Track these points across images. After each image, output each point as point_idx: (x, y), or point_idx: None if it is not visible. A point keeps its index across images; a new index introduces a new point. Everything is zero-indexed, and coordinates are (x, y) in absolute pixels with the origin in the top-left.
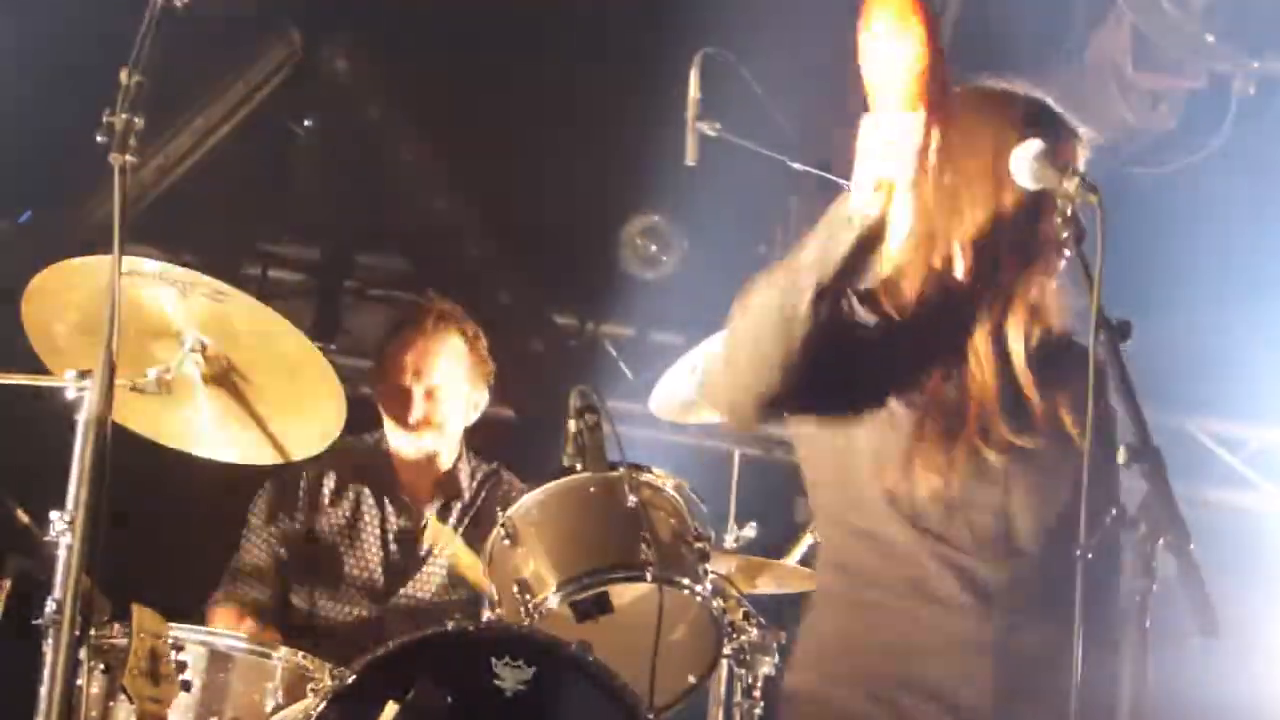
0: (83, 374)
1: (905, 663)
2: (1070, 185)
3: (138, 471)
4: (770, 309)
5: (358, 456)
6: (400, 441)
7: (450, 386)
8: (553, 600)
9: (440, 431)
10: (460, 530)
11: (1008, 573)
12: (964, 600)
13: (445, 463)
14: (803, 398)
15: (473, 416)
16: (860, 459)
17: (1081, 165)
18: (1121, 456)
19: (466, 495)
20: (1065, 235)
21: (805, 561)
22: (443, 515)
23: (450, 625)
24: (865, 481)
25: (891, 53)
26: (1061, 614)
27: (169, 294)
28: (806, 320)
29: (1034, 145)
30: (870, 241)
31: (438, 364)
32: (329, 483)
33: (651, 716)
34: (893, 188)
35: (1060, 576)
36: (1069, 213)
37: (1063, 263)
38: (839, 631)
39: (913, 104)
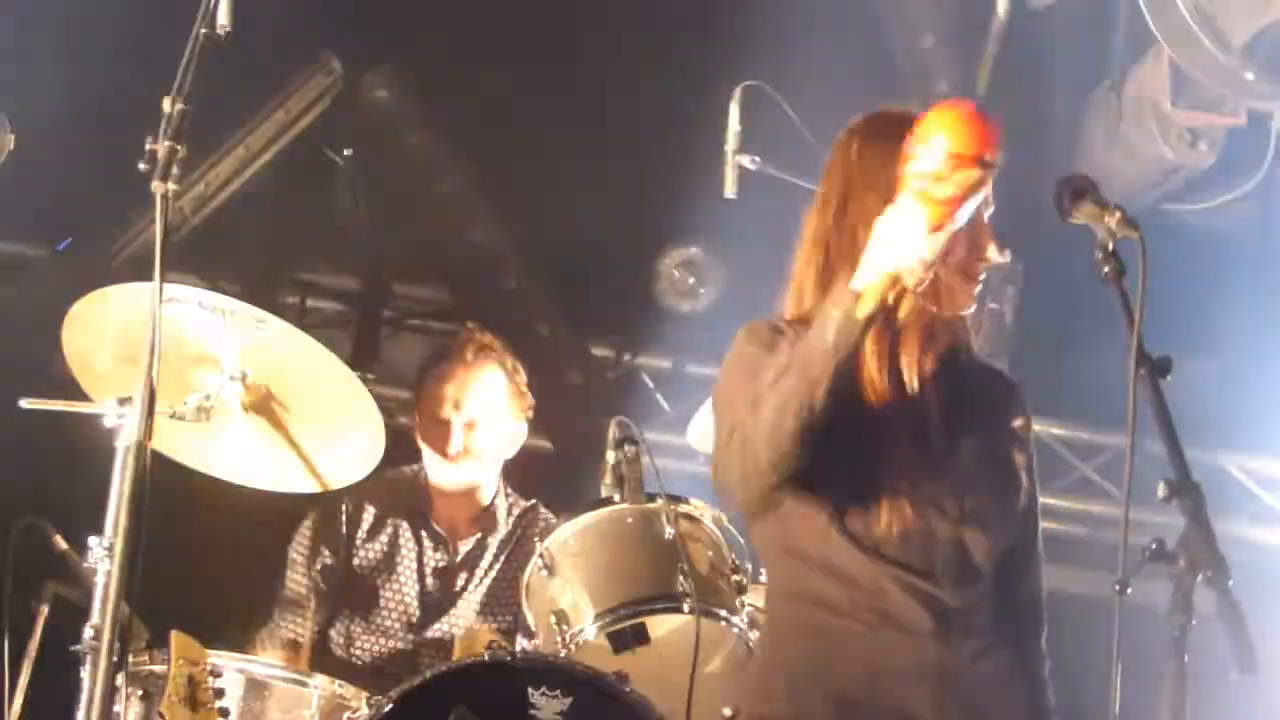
0: (122, 401)
1: (877, 690)
2: (1112, 221)
3: (177, 498)
4: (788, 409)
5: (397, 489)
6: (439, 473)
7: (490, 418)
8: (590, 631)
9: (479, 462)
10: (497, 566)
11: (968, 599)
12: (931, 626)
13: (484, 497)
14: (810, 481)
15: (511, 450)
16: (816, 493)
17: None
18: (1162, 492)
19: (503, 530)
20: (1106, 270)
21: None
22: (479, 549)
23: (487, 655)
24: (819, 514)
25: (945, 176)
26: (1019, 638)
27: (209, 322)
28: (823, 412)
29: (1074, 180)
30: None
31: (478, 396)
32: (368, 515)
33: None
34: (900, 282)
35: (1014, 601)
36: (1110, 248)
37: (977, 288)
38: (808, 660)
39: (940, 223)
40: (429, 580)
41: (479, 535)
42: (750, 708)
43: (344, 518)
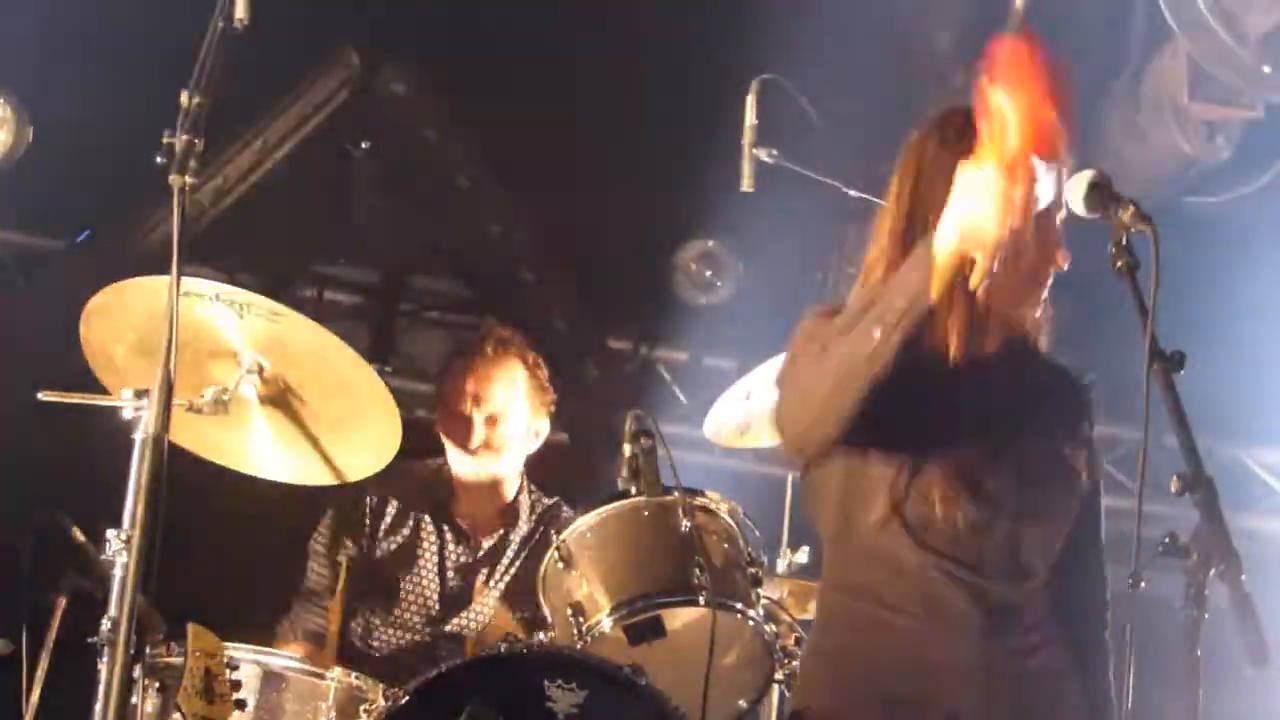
0: (140, 393)
1: (921, 682)
2: (1125, 214)
3: (194, 491)
4: (856, 357)
5: (420, 482)
6: (462, 467)
7: (510, 413)
8: (606, 623)
9: (500, 457)
10: (518, 563)
11: (1020, 595)
12: (980, 621)
13: (507, 492)
14: (869, 431)
15: (534, 445)
16: (873, 482)
17: (1067, 173)
18: (1174, 486)
19: (525, 527)
20: (1120, 264)
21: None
22: (501, 545)
23: (503, 647)
24: (874, 504)
25: (1012, 111)
26: (1077, 638)
27: (226, 315)
28: (890, 364)
29: (1087, 174)
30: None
31: (497, 391)
32: (391, 509)
33: None
34: (980, 236)
35: (1072, 600)
36: (1123, 242)
37: (1044, 293)
38: (852, 651)
39: (1018, 159)
40: (450, 575)
41: (501, 531)
42: (797, 698)
43: (367, 510)
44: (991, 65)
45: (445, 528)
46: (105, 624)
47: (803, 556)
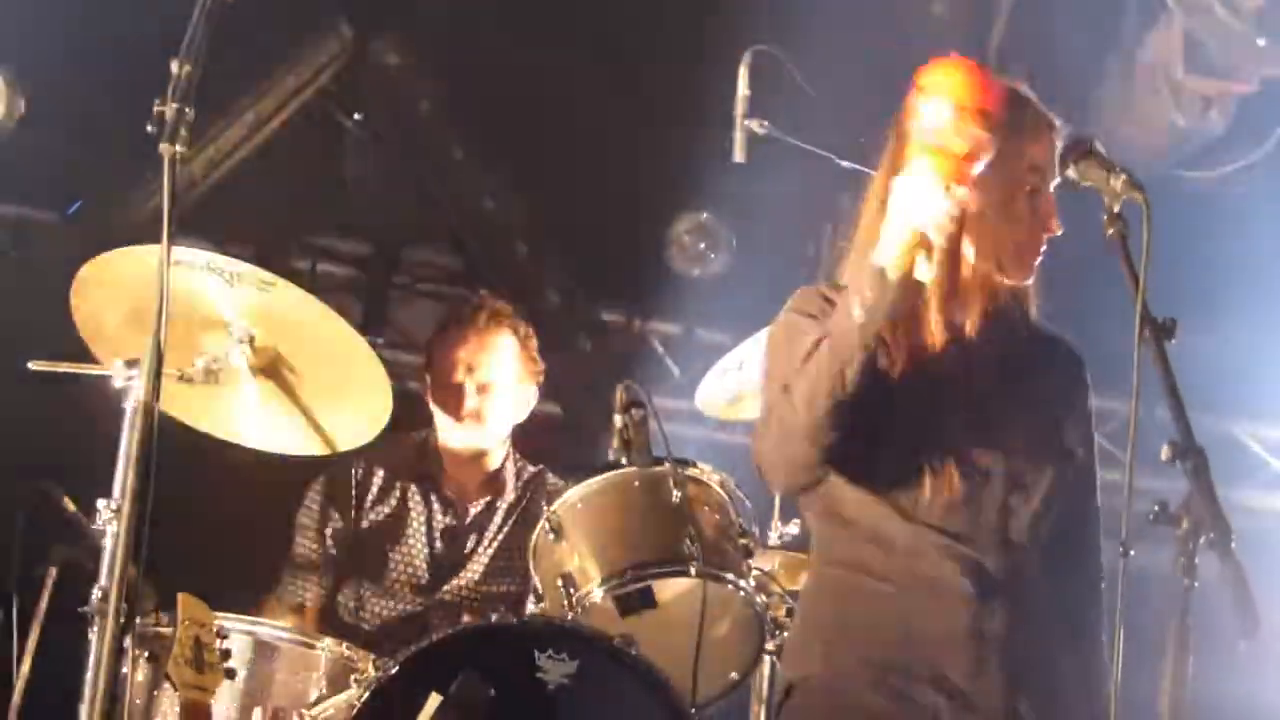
0: (130, 363)
1: (912, 652)
2: (1117, 183)
3: (185, 461)
4: (819, 389)
5: (406, 453)
6: (450, 436)
7: (501, 383)
8: (596, 594)
9: (490, 426)
10: (505, 530)
11: (1011, 566)
12: (969, 590)
13: (494, 461)
14: (849, 457)
15: (522, 414)
16: (859, 465)
17: (1058, 151)
18: (1165, 454)
19: (511, 495)
20: (1111, 232)
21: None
22: (488, 513)
23: (494, 617)
24: (862, 484)
25: (954, 132)
26: (1072, 609)
27: (217, 284)
28: (857, 384)
29: (1081, 142)
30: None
31: (489, 360)
32: (377, 479)
33: (694, 712)
34: (926, 246)
35: (1066, 573)
36: (1115, 210)
37: (1038, 259)
38: (844, 622)
39: (956, 178)
40: (438, 543)
41: (488, 499)
42: (788, 669)
43: (354, 481)
44: (921, 81)
45: (432, 496)
46: (95, 594)
47: (794, 528)
